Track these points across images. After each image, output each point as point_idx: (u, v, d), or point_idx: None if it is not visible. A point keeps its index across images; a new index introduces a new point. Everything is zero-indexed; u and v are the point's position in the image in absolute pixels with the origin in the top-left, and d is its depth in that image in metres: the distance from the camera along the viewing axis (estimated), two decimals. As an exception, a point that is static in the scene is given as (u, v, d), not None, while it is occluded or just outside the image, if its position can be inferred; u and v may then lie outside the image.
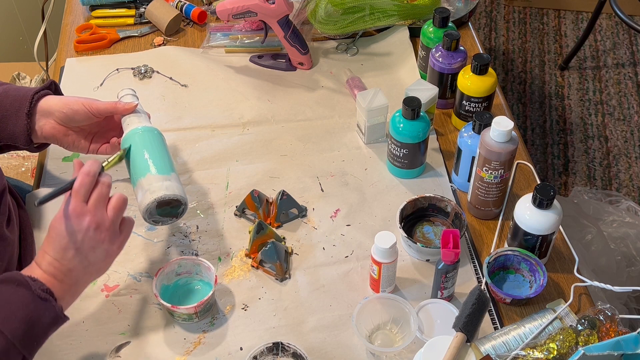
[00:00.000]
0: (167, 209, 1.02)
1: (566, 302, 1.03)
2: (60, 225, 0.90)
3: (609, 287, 1.04)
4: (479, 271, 1.12)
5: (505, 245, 1.14)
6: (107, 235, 0.92)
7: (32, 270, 0.90)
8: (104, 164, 0.97)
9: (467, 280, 1.11)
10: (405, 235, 1.11)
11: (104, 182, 0.93)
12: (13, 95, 1.09)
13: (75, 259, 0.90)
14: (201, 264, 1.07)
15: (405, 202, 1.15)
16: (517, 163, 1.28)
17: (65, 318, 0.90)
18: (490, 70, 1.25)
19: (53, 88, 1.14)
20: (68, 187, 0.91)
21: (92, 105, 1.07)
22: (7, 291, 0.86)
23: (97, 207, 0.91)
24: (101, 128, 1.13)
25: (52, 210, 1.19)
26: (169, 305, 1.01)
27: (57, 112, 1.08)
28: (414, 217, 1.18)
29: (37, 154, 1.35)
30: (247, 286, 1.10)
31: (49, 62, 1.94)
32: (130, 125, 1.08)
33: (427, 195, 1.17)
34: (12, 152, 1.16)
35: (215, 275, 1.05)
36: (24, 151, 1.28)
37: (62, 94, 1.16)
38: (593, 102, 2.53)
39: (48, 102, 1.08)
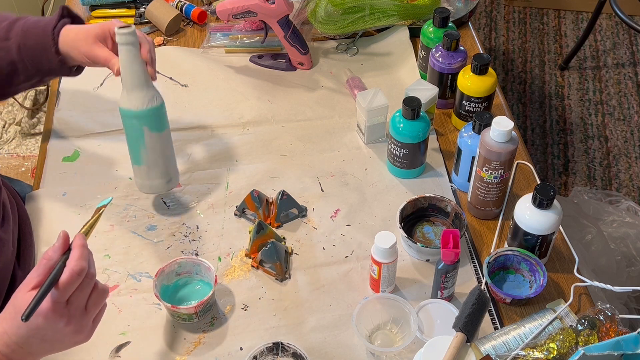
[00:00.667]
0: None
1: (566, 302, 1.03)
2: (32, 321, 0.79)
3: (609, 287, 1.04)
4: (479, 271, 1.12)
5: (505, 245, 1.14)
6: (79, 328, 0.84)
7: None
8: (82, 230, 0.88)
9: (467, 280, 1.11)
10: (405, 235, 1.11)
11: (89, 277, 0.83)
12: (33, 33, 1.10)
13: (38, 347, 0.83)
14: (201, 264, 1.07)
15: (405, 202, 1.16)
16: (517, 163, 1.28)
17: None
18: (490, 70, 1.25)
19: (66, 13, 1.14)
20: (53, 282, 0.80)
21: (92, 56, 1.09)
22: None
23: (78, 308, 0.83)
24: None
25: (54, 212, 1.20)
26: (169, 305, 1.01)
27: (72, 55, 1.10)
28: (414, 217, 1.18)
29: (37, 153, 1.35)
30: (247, 286, 1.10)
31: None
32: (132, 95, 1.06)
33: (427, 195, 1.17)
34: (14, 152, 1.17)
35: (215, 276, 1.05)
36: (24, 151, 1.28)
37: (77, 16, 1.16)
38: (593, 102, 2.53)
39: (64, 46, 1.10)
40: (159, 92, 1.11)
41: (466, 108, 1.28)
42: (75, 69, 1.16)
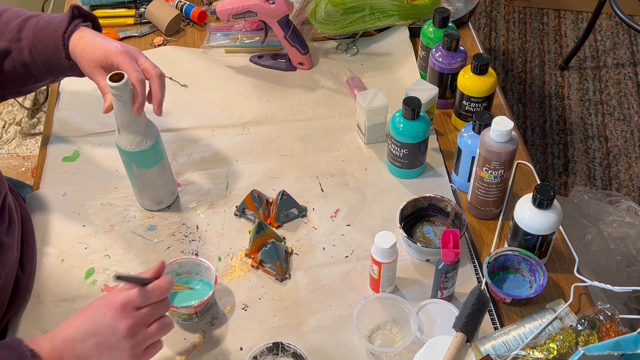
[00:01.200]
0: None
1: (566, 302, 1.03)
2: (103, 309, 0.85)
3: (609, 287, 1.04)
4: (479, 271, 1.12)
5: (505, 245, 1.14)
6: (133, 347, 0.86)
7: (42, 343, 0.84)
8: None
9: (467, 280, 1.11)
10: (405, 235, 1.11)
11: (166, 305, 0.90)
12: (44, 37, 1.08)
13: (89, 350, 0.85)
14: (201, 264, 1.07)
15: (405, 202, 1.15)
16: (517, 163, 1.28)
17: None
18: (490, 70, 1.25)
19: (77, 13, 1.11)
20: (145, 282, 0.87)
21: (94, 80, 1.07)
22: (5, 359, 0.82)
23: (143, 319, 0.86)
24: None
25: (54, 212, 1.20)
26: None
27: (78, 63, 1.09)
28: (414, 217, 1.18)
29: (37, 153, 1.35)
30: (247, 286, 1.10)
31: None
32: (122, 134, 1.08)
33: (427, 195, 1.17)
34: (14, 152, 1.17)
35: (215, 276, 1.05)
36: (24, 151, 1.29)
37: (89, 13, 1.13)
38: (593, 102, 2.53)
39: (73, 53, 1.08)
40: (155, 127, 1.12)
41: (466, 108, 1.28)
42: None
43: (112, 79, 1.00)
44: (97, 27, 1.15)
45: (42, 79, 1.14)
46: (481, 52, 1.50)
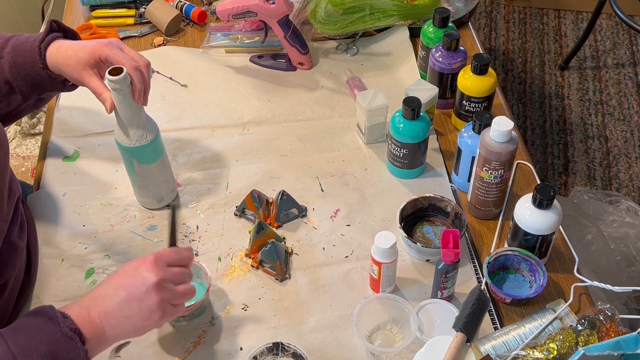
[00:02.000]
0: None
1: (566, 302, 1.03)
2: (137, 265, 0.89)
3: (609, 287, 1.04)
4: (479, 271, 1.12)
5: (505, 245, 1.14)
6: (161, 300, 0.88)
7: (73, 306, 0.87)
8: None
9: (467, 280, 1.11)
10: (405, 235, 1.11)
11: (190, 275, 0.94)
12: (22, 51, 1.07)
13: (118, 304, 0.87)
14: (201, 269, 1.06)
15: (405, 202, 1.15)
16: (517, 163, 1.28)
17: None
18: (490, 70, 1.25)
19: (55, 27, 1.10)
20: (175, 241, 0.97)
21: (83, 82, 1.05)
22: (37, 324, 0.84)
23: (172, 275, 0.90)
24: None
25: (54, 212, 1.20)
26: None
27: (63, 73, 1.08)
28: (414, 217, 1.18)
29: (37, 153, 1.35)
30: (247, 286, 1.10)
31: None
32: (122, 131, 1.08)
33: (427, 195, 1.17)
34: (14, 152, 1.17)
35: (209, 285, 1.04)
36: (24, 151, 1.29)
37: (67, 29, 1.12)
38: (593, 102, 2.53)
39: (55, 62, 1.06)
40: (155, 122, 1.11)
41: (466, 108, 1.28)
42: (70, 84, 1.13)
43: (111, 74, 1.00)
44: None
45: (27, 98, 1.12)
46: (481, 52, 1.50)
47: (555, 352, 0.93)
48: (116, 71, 1.00)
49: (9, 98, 1.11)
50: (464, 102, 1.27)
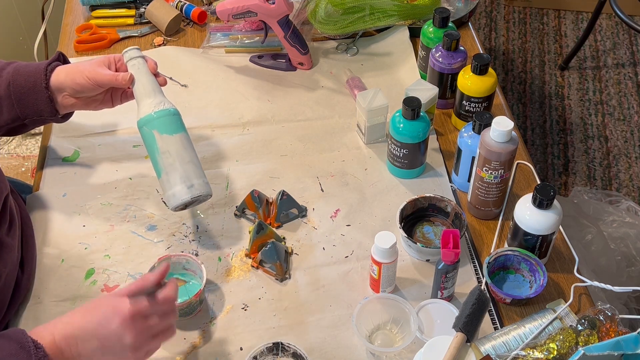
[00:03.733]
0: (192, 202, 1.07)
1: (566, 302, 1.03)
2: (110, 316, 0.84)
3: (609, 287, 1.04)
4: (479, 271, 1.12)
5: (505, 245, 1.14)
6: (135, 350, 0.86)
7: (44, 335, 0.84)
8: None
9: (467, 280, 1.11)
10: (405, 235, 1.11)
11: (174, 314, 0.90)
12: (25, 72, 1.10)
13: (92, 352, 0.85)
14: (201, 271, 1.06)
15: (405, 202, 1.15)
16: (517, 163, 1.28)
17: None
18: (490, 70, 1.25)
19: (62, 59, 1.14)
20: (153, 291, 0.88)
21: (95, 78, 1.08)
22: (7, 349, 0.82)
23: (151, 330, 0.87)
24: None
25: (54, 213, 1.20)
26: None
27: (68, 88, 1.10)
28: (414, 217, 1.18)
29: (37, 153, 1.35)
30: (247, 286, 1.10)
31: (69, 61, 1.94)
32: (142, 105, 1.08)
33: (427, 195, 1.17)
34: (14, 152, 1.17)
35: (202, 288, 1.03)
36: (24, 151, 1.28)
37: (69, 62, 1.16)
38: (593, 102, 2.53)
39: (58, 77, 1.10)
40: (171, 102, 1.12)
41: (466, 108, 1.28)
42: (60, 117, 1.14)
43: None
44: None
45: (12, 120, 1.11)
46: (481, 52, 1.50)
47: (555, 352, 0.93)
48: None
49: None
50: (464, 102, 1.27)
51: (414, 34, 1.52)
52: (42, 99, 1.09)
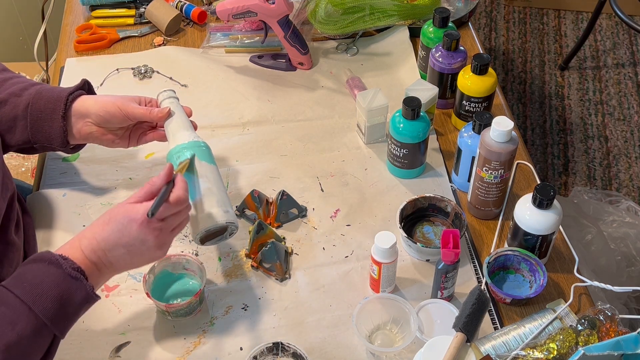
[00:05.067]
0: (216, 233, 1.01)
1: (566, 302, 1.03)
2: (128, 224, 0.89)
3: (609, 287, 1.04)
4: (479, 271, 1.12)
5: (505, 245, 1.14)
6: (162, 244, 0.92)
7: (72, 251, 0.89)
8: (178, 170, 0.97)
9: (467, 280, 1.11)
10: (405, 235, 1.11)
11: (188, 208, 0.95)
12: (47, 96, 1.08)
13: (121, 257, 0.91)
14: (202, 271, 1.06)
15: (405, 202, 1.15)
16: (517, 163, 1.28)
17: (97, 297, 0.90)
18: (490, 70, 1.25)
19: (86, 88, 1.13)
20: (165, 196, 0.91)
21: (127, 110, 1.08)
22: (38, 270, 0.86)
23: (169, 228, 0.92)
24: (138, 123, 1.14)
25: (54, 213, 1.20)
26: (152, 297, 1.02)
27: (94, 115, 1.08)
28: (414, 217, 1.18)
29: (37, 154, 1.35)
30: (247, 286, 1.10)
31: (49, 62, 1.94)
32: (178, 135, 1.06)
33: (427, 195, 1.17)
34: (14, 152, 1.17)
35: (202, 288, 1.03)
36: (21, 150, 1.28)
37: (95, 93, 1.16)
38: (593, 102, 2.53)
39: (84, 103, 1.09)
40: None
41: (466, 108, 1.28)
42: (71, 147, 1.13)
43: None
44: None
45: (22, 142, 1.10)
46: (481, 52, 1.50)
47: (555, 352, 0.93)
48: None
49: (4, 134, 1.09)
50: (464, 102, 1.27)
51: (414, 34, 1.52)
52: (56, 127, 1.08)
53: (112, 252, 0.90)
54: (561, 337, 0.95)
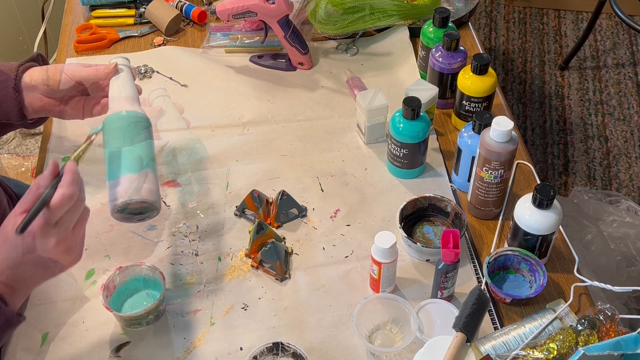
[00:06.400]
0: (137, 210, 0.99)
1: (566, 302, 1.03)
2: (20, 239, 0.82)
3: (609, 287, 1.04)
4: (479, 271, 1.12)
5: (505, 245, 1.14)
6: (68, 248, 0.87)
7: None
8: (72, 156, 0.92)
9: (467, 280, 1.11)
10: (405, 235, 1.11)
11: (80, 201, 0.87)
12: None
13: (32, 272, 0.86)
14: (159, 279, 1.05)
15: (405, 202, 1.15)
16: (517, 163, 1.28)
17: (20, 318, 0.87)
18: (490, 70, 1.25)
19: (40, 60, 1.09)
20: (45, 202, 0.83)
21: (74, 74, 1.04)
22: None
23: (66, 229, 0.86)
24: (91, 91, 1.10)
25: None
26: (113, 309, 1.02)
27: (41, 85, 1.04)
28: (414, 217, 1.18)
29: (37, 154, 1.35)
30: (247, 286, 1.10)
31: (49, 62, 1.94)
32: (113, 103, 1.02)
33: (427, 195, 1.17)
34: (14, 152, 1.17)
35: (162, 292, 1.03)
36: (24, 151, 1.28)
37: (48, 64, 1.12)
38: (593, 102, 2.53)
39: (31, 74, 1.04)
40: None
41: (466, 108, 1.28)
42: (30, 121, 1.10)
43: None
44: None
45: None
46: (481, 52, 1.50)
47: (555, 352, 0.93)
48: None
49: None
50: (464, 102, 1.27)
51: (414, 34, 1.52)
52: (9, 100, 1.04)
53: (19, 269, 0.85)
54: (561, 337, 0.95)
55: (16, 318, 0.86)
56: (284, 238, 1.16)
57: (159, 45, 1.54)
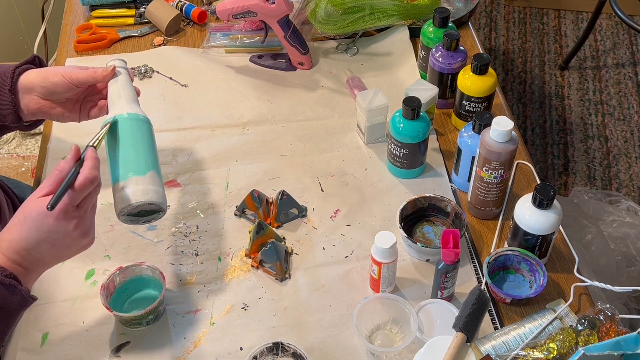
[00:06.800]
0: (144, 212, 0.98)
1: (566, 302, 1.03)
2: (43, 219, 0.85)
3: (609, 287, 1.04)
4: (479, 271, 1.12)
5: (505, 245, 1.14)
6: (85, 231, 0.90)
7: (6, 262, 0.86)
8: (94, 144, 0.94)
9: (467, 280, 1.11)
10: (405, 235, 1.11)
11: (99, 185, 0.92)
12: None
13: (47, 252, 0.88)
14: (160, 279, 1.05)
15: (405, 202, 1.15)
16: (517, 163, 1.28)
17: (33, 299, 0.88)
18: (490, 70, 1.25)
19: (37, 62, 1.09)
20: (70, 184, 0.87)
21: (71, 76, 1.03)
22: None
23: (87, 212, 0.90)
24: (88, 94, 1.10)
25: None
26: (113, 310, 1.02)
27: (38, 87, 1.04)
28: (414, 217, 1.18)
29: (37, 153, 1.35)
30: (247, 286, 1.10)
31: (49, 62, 1.94)
32: (113, 107, 1.02)
33: (427, 195, 1.17)
34: (14, 152, 1.17)
35: (162, 292, 1.03)
36: (24, 151, 1.28)
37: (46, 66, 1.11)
38: (593, 102, 2.53)
39: (28, 77, 1.05)
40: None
41: (466, 108, 1.28)
42: (26, 124, 1.10)
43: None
44: None
45: None
46: (481, 52, 1.50)
47: (555, 352, 0.93)
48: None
49: None
50: (464, 102, 1.27)
51: (414, 34, 1.52)
52: (5, 102, 1.04)
53: (36, 250, 0.87)
54: (561, 337, 0.95)
55: (30, 298, 0.88)
56: (284, 238, 1.16)
57: (159, 45, 1.54)
